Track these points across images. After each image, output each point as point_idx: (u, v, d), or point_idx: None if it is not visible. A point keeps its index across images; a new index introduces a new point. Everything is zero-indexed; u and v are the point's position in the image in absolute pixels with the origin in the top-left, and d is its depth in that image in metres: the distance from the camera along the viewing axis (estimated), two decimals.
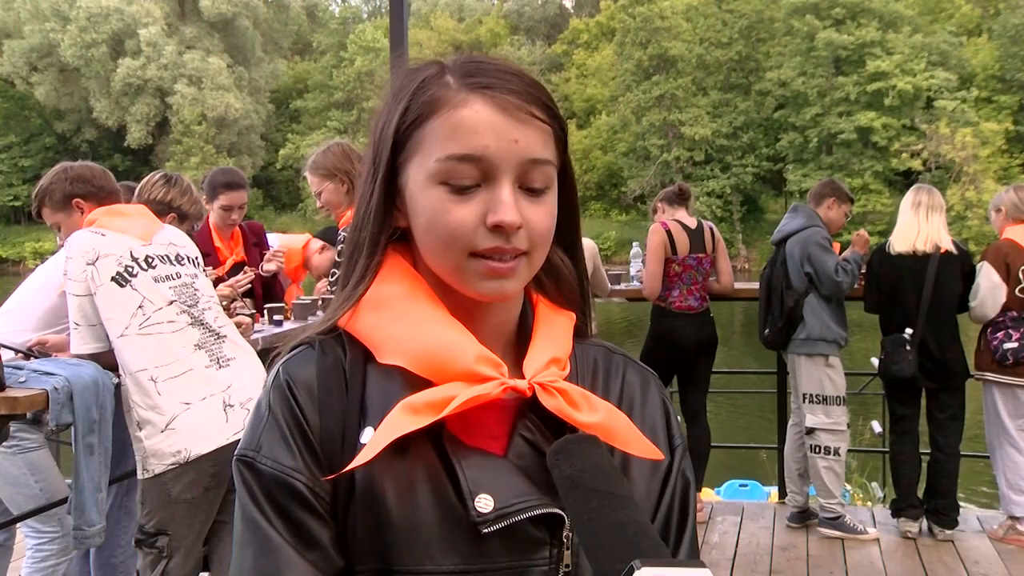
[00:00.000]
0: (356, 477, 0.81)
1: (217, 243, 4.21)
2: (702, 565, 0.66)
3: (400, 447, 0.79)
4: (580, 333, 0.94)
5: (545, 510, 0.80)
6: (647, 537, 0.71)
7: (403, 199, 0.87)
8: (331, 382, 0.85)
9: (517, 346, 0.90)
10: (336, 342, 0.88)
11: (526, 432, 0.84)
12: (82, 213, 2.98)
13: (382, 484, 0.80)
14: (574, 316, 0.94)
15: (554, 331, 0.90)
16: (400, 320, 0.85)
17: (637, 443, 0.85)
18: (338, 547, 0.82)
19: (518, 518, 0.79)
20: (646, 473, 0.89)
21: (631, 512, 0.73)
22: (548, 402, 0.82)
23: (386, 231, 0.88)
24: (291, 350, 0.89)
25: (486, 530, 0.78)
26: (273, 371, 0.88)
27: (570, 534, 0.81)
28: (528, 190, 0.83)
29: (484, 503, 0.78)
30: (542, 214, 0.84)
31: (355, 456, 0.80)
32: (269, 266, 4.25)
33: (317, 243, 4.62)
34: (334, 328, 0.89)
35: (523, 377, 0.84)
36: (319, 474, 0.82)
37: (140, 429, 2.61)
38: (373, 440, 0.79)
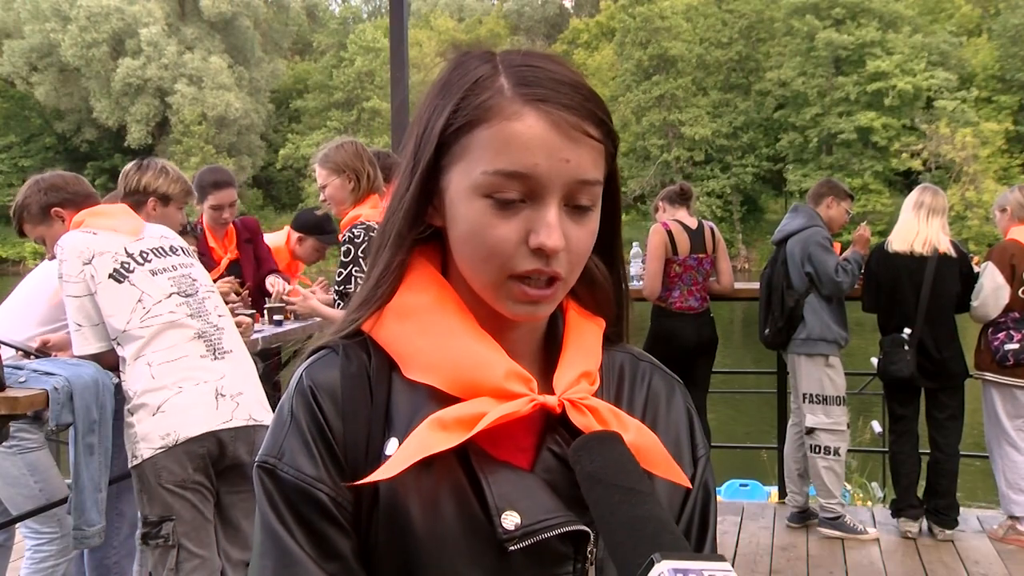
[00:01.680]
0: (379, 488, 0.79)
1: (211, 243, 4.21)
2: (721, 558, 0.67)
3: (425, 458, 0.78)
4: (611, 338, 0.93)
5: (571, 527, 0.79)
6: (667, 532, 0.71)
7: (442, 200, 0.84)
8: (356, 389, 0.83)
9: (546, 352, 0.89)
10: (360, 347, 0.86)
11: (555, 446, 0.82)
12: (63, 222, 2.96)
13: (406, 496, 0.79)
14: (604, 322, 0.92)
15: (584, 342, 0.88)
16: (427, 333, 0.83)
17: (664, 464, 0.84)
18: (359, 559, 0.81)
19: (544, 535, 0.78)
20: (668, 482, 0.88)
21: (652, 508, 0.73)
22: (578, 420, 0.81)
23: (416, 228, 0.86)
24: (313, 353, 0.87)
25: (512, 547, 0.77)
26: (296, 375, 0.86)
27: (594, 549, 0.81)
28: (573, 207, 0.81)
29: (510, 520, 0.77)
30: (583, 235, 0.82)
31: (379, 467, 0.78)
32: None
33: (294, 235, 4.74)
34: (358, 332, 0.87)
35: (552, 389, 0.83)
36: (342, 484, 0.80)
37: (132, 415, 2.61)
38: (399, 455, 0.78)
